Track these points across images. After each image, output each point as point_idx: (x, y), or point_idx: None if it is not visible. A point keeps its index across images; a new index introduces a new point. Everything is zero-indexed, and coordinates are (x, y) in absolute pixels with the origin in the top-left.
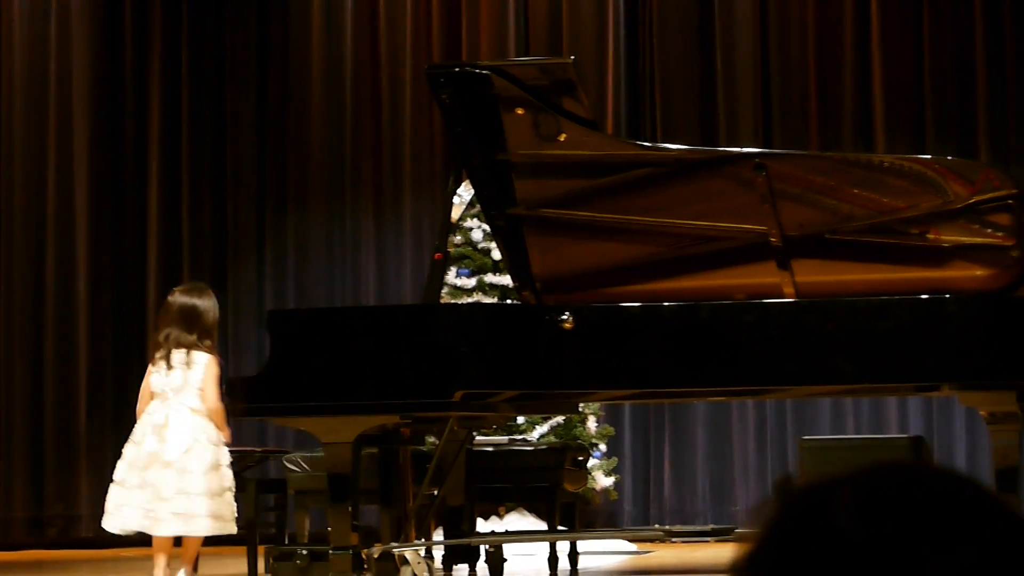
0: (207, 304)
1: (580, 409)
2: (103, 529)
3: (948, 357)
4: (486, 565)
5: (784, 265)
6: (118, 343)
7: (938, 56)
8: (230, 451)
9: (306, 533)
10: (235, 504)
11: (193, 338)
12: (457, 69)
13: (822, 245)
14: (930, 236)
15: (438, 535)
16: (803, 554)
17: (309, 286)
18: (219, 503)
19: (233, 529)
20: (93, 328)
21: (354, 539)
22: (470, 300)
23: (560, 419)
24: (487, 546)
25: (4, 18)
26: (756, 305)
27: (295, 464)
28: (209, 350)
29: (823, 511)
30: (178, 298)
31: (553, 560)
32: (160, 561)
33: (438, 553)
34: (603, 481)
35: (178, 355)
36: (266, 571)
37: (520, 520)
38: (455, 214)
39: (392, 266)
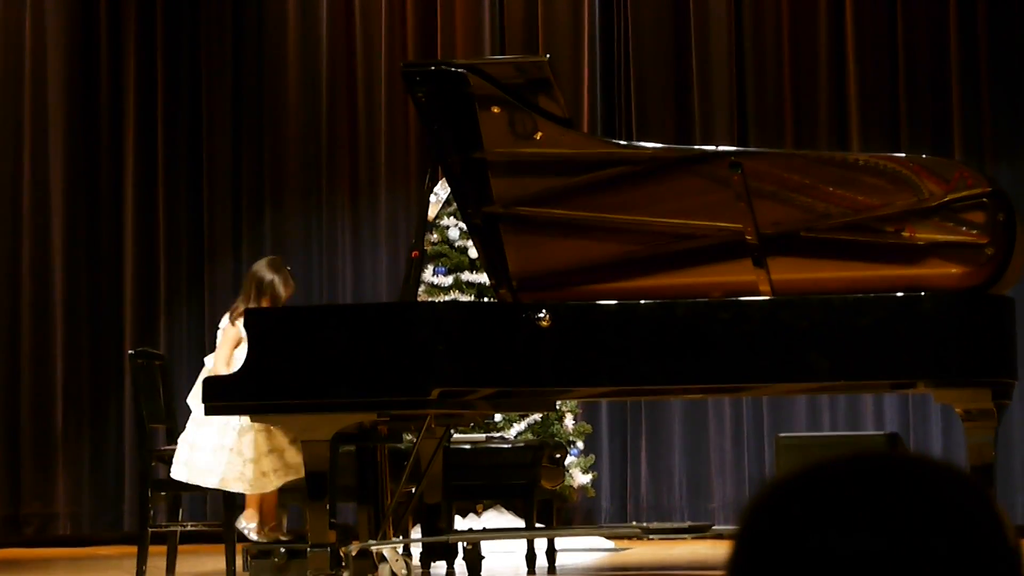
0: (259, 270)
1: (557, 407)
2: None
3: (923, 354)
4: (464, 563)
5: (760, 263)
6: (95, 342)
7: (912, 55)
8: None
9: (284, 530)
10: (236, 465)
11: (235, 306)
12: (433, 68)
13: (798, 243)
14: (905, 234)
15: (416, 533)
16: (748, 557)
17: None
18: (211, 460)
19: (237, 488)
20: (69, 327)
21: (332, 537)
22: (447, 298)
23: (537, 417)
24: (465, 544)
25: None
26: (732, 303)
27: None
28: (238, 315)
29: (764, 512)
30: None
31: (531, 557)
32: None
33: (416, 551)
34: (580, 478)
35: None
36: (244, 568)
37: (498, 517)
38: (431, 212)
39: (368, 264)
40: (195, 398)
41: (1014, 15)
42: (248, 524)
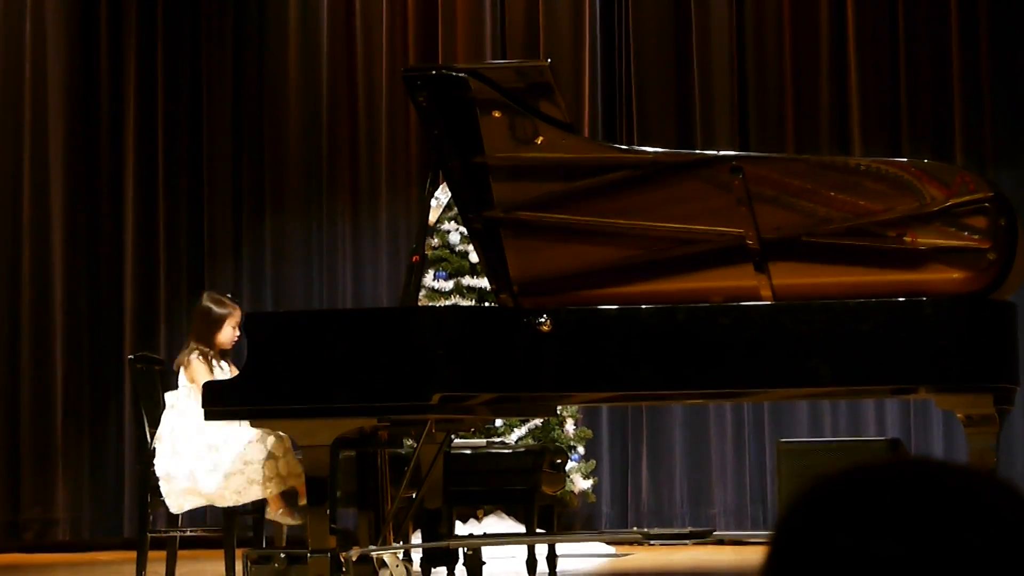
0: (202, 305)
1: (558, 412)
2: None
3: (925, 360)
4: (464, 568)
5: (761, 268)
6: (94, 347)
7: (914, 60)
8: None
9: (284, 536)
10: (219, 483)
11: (188, 346)
12: (434, 72)
13: (799, 248)
14: (907, 239)
15: (416, 538)
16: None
17: (286, 289)
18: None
19: (227, 503)
20: (69, 332)
21: (332, 542)
22: (448, 303)
23: (538, 422)
24: (465, 549)
25: None
26: (733, 308)
27: None
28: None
29: (821, 526)
30: None
31: (531, 563)
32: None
33: (416, 556)
34: (581, 484)
35: None
36: (244, 574)
37: (498, 523)
38: (432, 217)
39: (368, 269)
40: (165, 433)
41: (1015, 20)
42: (277, 511)
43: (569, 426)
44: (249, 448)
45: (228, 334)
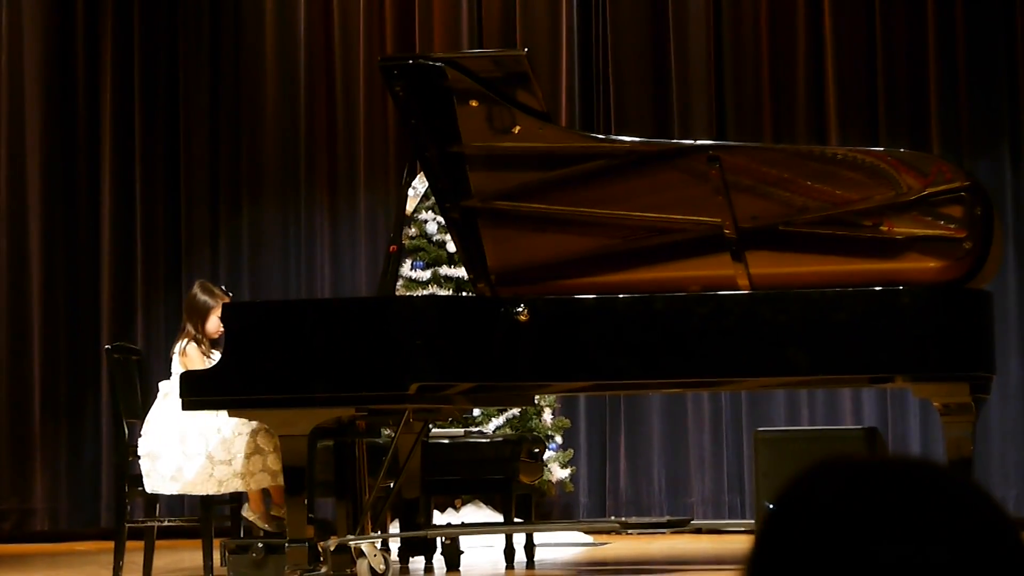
0: (194, 295)
1: (536, 401)
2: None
3: (902, 349)
4: (442, 557)
5: (738, 257)
6: (72, 337)
7: (890, 49)
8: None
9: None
10: (206, 469)
11: (183, 332)
12: (411, 61)
13: (776, 237)
14: (883, 228)
15: (394, 527)
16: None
17: (264, 279)
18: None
19: (205, 490)
20: (46, 322)
21: (310, 532)
22: (425, 293)
23: (516, 411)
24: (443, 538)
25: None
26: (710, 297)
27: None
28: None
29: (793, 511)
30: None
31: (509, 552)
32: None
33: (394, 545)
34: (559, 473)
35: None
36: (221, 564)
37: (476, 512)
38: (409, 206)
39: (347, 259)
40: (155, 417)
41: (991, 10)
42: (255, 513)
43: (547, 415)
44: (238, 440)
45: (215, 323)
